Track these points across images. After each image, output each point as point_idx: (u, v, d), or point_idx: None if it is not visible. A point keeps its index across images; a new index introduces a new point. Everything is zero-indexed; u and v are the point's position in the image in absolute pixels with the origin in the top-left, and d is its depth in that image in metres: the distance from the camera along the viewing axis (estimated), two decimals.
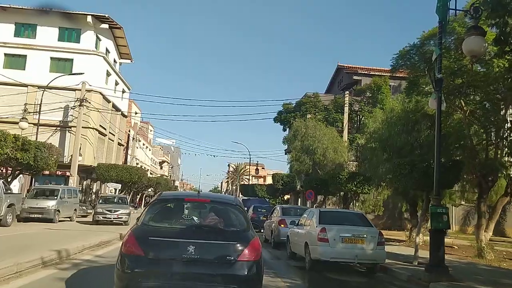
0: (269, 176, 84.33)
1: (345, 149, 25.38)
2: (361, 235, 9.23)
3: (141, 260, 4.78)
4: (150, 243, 4.89)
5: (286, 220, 15.44)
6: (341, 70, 39.37)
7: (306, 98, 31.67)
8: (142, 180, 37.64)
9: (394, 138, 17.65)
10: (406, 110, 17.78)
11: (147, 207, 5.77)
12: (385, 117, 19.65)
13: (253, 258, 5.00)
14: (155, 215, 5.55)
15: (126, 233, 5.27)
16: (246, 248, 5.01)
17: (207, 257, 4.89)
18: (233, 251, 4.97)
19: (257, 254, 5.08)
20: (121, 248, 5.02)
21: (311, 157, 24.93)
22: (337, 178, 14.95)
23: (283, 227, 15.29)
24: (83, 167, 33.71)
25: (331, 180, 15.62)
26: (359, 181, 15.74)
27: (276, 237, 15.45)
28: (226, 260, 4.92)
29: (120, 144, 43.56)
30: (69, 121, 33.42)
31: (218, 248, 5.01)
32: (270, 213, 18.10)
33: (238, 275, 4.86)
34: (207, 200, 6.12)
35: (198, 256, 4.83)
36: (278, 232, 15.36)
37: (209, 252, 4.93)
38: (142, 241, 4.90)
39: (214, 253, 4.95)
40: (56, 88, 32.74)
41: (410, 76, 15.04)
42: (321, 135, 25.35)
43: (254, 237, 5.27)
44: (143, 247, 4.83)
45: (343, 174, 14.74)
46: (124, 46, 42.39)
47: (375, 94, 30.35)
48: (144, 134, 59.59)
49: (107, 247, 11.74)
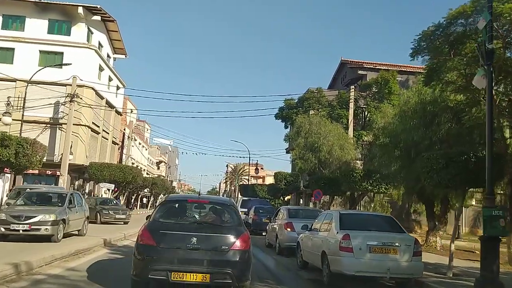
0: (269, 177, 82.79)
1: (352, 146, 23.78)
2: (393, 244, 7.58)
3: (154, 249, 5.91)
4: (160, 235, 6.02)
5: (293, 223, 13.85)
6: (345, 65, 37.77)
7: (309, 93, 30.04)
8: (137, 180, 35.90)
9: (409, 133, 16.05)
10: (423, 102, 16.19)
11: (157, 207, 7.12)
12: (398, 111, 18.05)
13: (243, 247, 6.11)
14: (164, 213, 6.72)
15: (141, 228, 6.39)
16: (238, 240, 6.12)
17: (206, 246, 5.98)
18: (227, 242, 6.08)
19: (247, 245, 6.18)
20: (137, 240, 6.21)
21: (316, 155, 23.30)
22: (351, 176, 13.29)
23: (290, 231, 13.72)
24: (75, 166, 32.02)
25: (343, 178, 13.96)
26: (375, 179, 14.09)
27: (282, 242, 13.88)
28: (222, 249, 6.02)
29: (115, 143, 41.84)
30: (59, 118, 31.72)
31: (215, 239, 6.10)
32: (274, 215, 16.51)
33: (231, 261, 5.96)
34: (206, 201, 7.45)
35: (199, 245, 5.94)
36: (284, 236, 13.80)
37: (208, 242, 6.02)
38: (154, 234, 6.03)
39: (212, 244, 6.04)
40: (45, 83, 31.14)
41: (432, 61, 13.40)
42: (327, 131, 23.74)
43: (244, 231, 6.40)
44: (155, 239, 5.97)
45: (357, 172, 13.11)
46: (118, 40, 40.71)
47: (382, 88, 28.76)
48: (140, 133, 57.87)
49: (86, 256, 10.08)
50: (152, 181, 46.01)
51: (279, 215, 15.57)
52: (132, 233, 14.37)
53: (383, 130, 21.87)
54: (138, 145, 56.27)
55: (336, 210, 9.29)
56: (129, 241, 13.22)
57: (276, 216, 15.78)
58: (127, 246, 12.20)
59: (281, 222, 14.53)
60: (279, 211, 16.12)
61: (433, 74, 14.84)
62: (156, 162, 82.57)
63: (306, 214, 15.45)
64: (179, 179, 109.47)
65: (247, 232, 6.48)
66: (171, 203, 7.42)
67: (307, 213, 15.68)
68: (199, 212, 7.39)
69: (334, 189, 18.69)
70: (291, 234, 13.64)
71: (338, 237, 7.73)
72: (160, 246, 5.89)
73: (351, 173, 13.35)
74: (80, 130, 31.78)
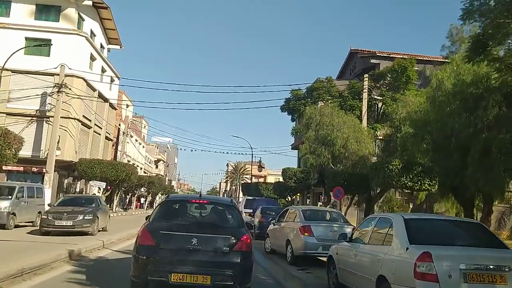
0: (270, 176, 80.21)
1: (370, 140, 21.24)
2: (500, 267, 4.88)
3: (153, 250, 5.83)
4: (160, 235, 5.93)
5: (312, 227, 11.37)
6: (354, 55, 35.26)
7: (319, 83, 27.49)
8: (131, 178, 33.38)
9: (446, 120, 13.53)
10: (463, 83, 13.66)
11: (157, 207, 7.07)
12: (428, 97, 15.52)
13: (244, 249, 6.03)
14: (164, 213, 6.67)
15: (140, 228, 6.25)
16: (239, 241, 6.02)
17: (207, 247, 5.92)
18: (228, 243, 5.99)
19: (248, 246, 6.10)
20: (136, 240, 6.11)
21: (329, 149, 20.77)
22: (386, 170, 10.73)
23: (307, 236, 11.34)
24: (63, 162, 29.48)
25: (375, 173, 11.40)
26: (415, 173, 11.55)
27: (296, 250, 11.44)
28: (223, 250, 5.95)
29: (108, 139, 39.27)
30: (47, 110, 29.19)
31: (216, 240, 6.03)
32: (279, 216, 14.01)
33: (232, 262, 5.88)
34: (207, 201, 7.37)
35: (200, 246, 5.87)
36: (300, 243, 11.35)
37: (209, 243, 5.96)
38: (154, 234, 5.95)
39: (212, 245, 5.98)
40: (31, 72, 28.69)
41: (486, 28, 10.89)
42: (341, 122, 21.20)
43: (246, 232, 6.29)
44: (154, 239, 5.89)
45: (394, 165, 10.55)
46: (112, 29, 38.21)
47: (399, 77, 26.22)
48: (137, 129, 55.28)
49: (41, 275, 7.45)
50: (148, 179, 43.44)
51: (288, 217, 13.06)
52: (115, 240, 11.93)
53: (407, 121, 19.54)
54: (134, 142, 53.70)
55: (397, 214, 6.28)
56: (107, 251, 10.87)
57: (284, 218, 13.27)
58: (100, 259, 9.68)
59: (294, 225, 12.04)
60: (286, 211, 13.59)
61: (479, 48, 12.32)
62: (154, 160, 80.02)
63: (324, 216, 12.99)
64: (178, 178, 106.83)
65: (249, 233, 6.41)
66: (172, 203, 7.32)
67: (325, 214, 13.18)
68: (200, 213, 7.32)
69: (356, 187, 16.11)
70: (308, 240, 11.30)
71: (411, 256, 5.09)
72: (160, 247, 5.81)
73: (387, 166, 10.78)
74: (69, 123, 29.25)
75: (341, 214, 13.96)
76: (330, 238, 11.13)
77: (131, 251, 6.64)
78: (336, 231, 11.31)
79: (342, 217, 13.03)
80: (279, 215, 14.10)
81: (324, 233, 11.34)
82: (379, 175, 11.22)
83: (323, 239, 11.17)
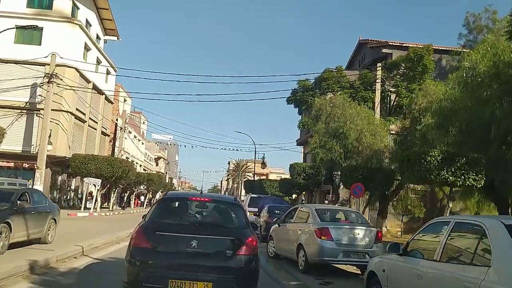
0: (272, 174, 78.40)
1: (385, 132, 19.44)
2: None
3: (148, 253, 5.27)
4: (156, 237, 5.37)
5: (330, 229, 9.60)
6: (364, 45, 33.38)
7: (328, 73, 25.64)
8: (129, 175, 31.60)
9: (484, 107, 11.70)
10: (503, 64, 11.84)
11: (154, 205, 6.36)
12: (460, 81, 13.71)
13: (249, 252, 5.45)
14: (161, 212, 6.04)
15: (135, 228, 5.67)
16: (244, 243, 5.47)
17: (208, 250, 5.36)
18: (232, 246, 5.44)
19: (254, 249, 5.52)
20: (130, 242, 5.50)
21: (341, 142, 18.99)
22: (423, 162, 8.90)
23: (325, 240, 9.56)
24: (56, 158, 27.78)
25: (406, 165, 9.59)
26: (458, 166, 9.69)
27: (312, 256, 9.67)
28: (225, 253, 5.39)
29: (105, 134, 37.51)
30: (37, 102, 27.46)
31: (218, 242, 5.51)
32: (284, 215, 12.21)
33: (235, 268, 5.32)
34: (209, 199, 6.71)
35: (200, 249, 5.30)
36: (316, 247, 9.58)
37: (210, 246, 5.42)
38: (150, 235, 5.38)
39: (214, 247, 5.45)
40: (21, 62, 26.95)
41: None
42: (354, 114, 19.43)
43: (251, 234, 5.72)
44: (150, 241, 5.33)
45: (433, 155, 8.75)
46: (109, 20, 36.45)
47: (414, 66, 24.37)
48: (135, 125, 53.51)
49: None
50: (147, 177, 41.65)
51: (298, 217, 11.24)
52: (99, 244, 10.16)
53: (427, 111, 17.80)
54: (133, 139, 51.95)
55: (490, 218, 4.07)
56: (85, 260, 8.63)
57: (292, 218, 11.48)
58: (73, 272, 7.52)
59: (307, 226, 10.25)
60: (295, 211, 11.76)
61: None
62: (154, 158, 78.31)
63: (342, 216, 11.20)
64: (179, 176, 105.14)
65: (255, 235, 5.90)
66: (170, 201, 6.72)
67: (343, 214, 11.39)
68: (201, 212, 6.80)
69: (377, 183, 14.25)
70: (327, 245, 9.54)
71: None
72: (156, 250, 5.30)
73: (423, 157, 8.99)
74: (61, 116, 27.51)
75: (360, 214, 12.17)
76: (352, 243, 9.52)
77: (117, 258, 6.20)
78: (358, 235, 9.65)
79: (362, 218, 11.26)
80: (285, 215, 12.25)
81: (345, 237, 9.60)
82: (413, 168, 9.42)
83: (344, 244, 9.51)
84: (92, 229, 15.53)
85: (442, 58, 28.07)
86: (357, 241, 9.58)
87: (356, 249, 9.53)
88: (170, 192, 7.98)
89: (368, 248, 9.52)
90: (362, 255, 9.49)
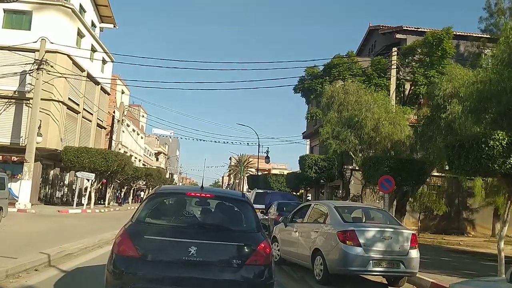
0: (275, 170, 76.58)
1: (406, 122, 17.57)
2: None
3: (135, 262, 4.31)
4: (145, 242, 4.40)
5: (356, 232, 7.82)
6: (374, 32, 31.53)
7: (339, 59, 23.74)
8: (125, 170, 29.85)
9: None
10: None
11: (143, 202, 5.24)
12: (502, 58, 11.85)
13: (262, 262, 4.52)
14: (152, 211, 5.00)
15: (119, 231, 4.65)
16: (255, 250, 4.52)
17: (211, 259, 4.40)
18: (241, 253, 4.49)
19: (267, 258, 4.58)
20: (113, 248, 4.46)
21: (356, 132, 17.16)
22: (484, 146, 7.04)
23: (351, 245, 7.85)
24: (47, 151, 26.07)
25: (460, 152, 7.75)
26: None
27: (333, 265, 7.94)
28: (232, 264, 4.44)
29: (101, 126, 35.70)
30: (26, 91, 25.66)
31: (223, 249, 4.53)
32: (292, 213, 10.37)
33: (246, 281, 4.38)
34: (211, 195, 5.45)
35: (200, 258, 4.35)
36: (340, 254, 7.85)
37: (213, 254, 4.45)
38: (137, 240, 4.39)
39: (218, 256, 4.47)
40: (10, 48, 25.18)
41: None
42: (371, 101, 17.58)
43: (263, 238, 4.80)
44: (137, 247, 4.34)
45: (497, 138, 6.99)
46: (104, 6, 34.59)
47: (433, 51, 22.48)
48: (134, 117, 51.68)
49: None
50: (145, 171, 39.90)
51: (311, 216, 9.45)
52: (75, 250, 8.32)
53: (454, 97, 16.00)
54: (132, 132, 50.15)
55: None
56: (50, 273, 6.62)
57: (303, 217, 9.68)
58: None
59: (325, 228, 8.45)
60: (306, 208, 9.86)
61: None
62: (154, 153, 76.64)
63: (368, 216, 9.42)
64: (179, 171, 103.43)
65: (268, 240, 4.86)
66: (162, 197, 5.46)
67: (368, 213, 9.59)
68: (201, 211, 5.47)
69: (407, 176, 12.33)
70: (353, 252, 7.78)
71: None
72: (145, 258, 4.28)
73: (484, 141, 7.16)
74: (52, 106, 25.73)
75: (388, 213, 10.34)
76: (383, 249, 7.86)
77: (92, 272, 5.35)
78: (391, 239, 7.95)
79: (390, 218, 9.40)
80: (292, 213, 10.38)
81: (375, 242, 7.90)
82: (468, 156, 7.60)
83: (374, 250, 7.82)
84: (79, 228, 13.80)
85: (460, 44, 26.17)
86: (390, 247, 7.93)
87: (388, 256, 7.88)
88: (164, 186, 6.73)
89: (402, 255, 7.93)
90: (395, 263, 7.92)
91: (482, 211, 25.68)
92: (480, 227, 25.71)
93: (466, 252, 14.84)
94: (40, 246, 8.00)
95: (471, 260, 12.25)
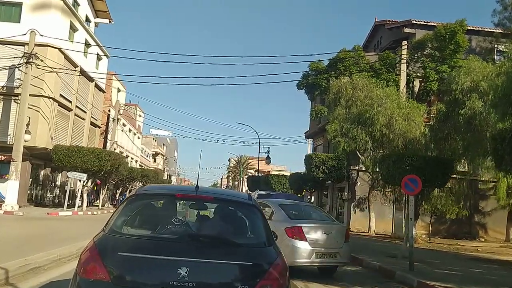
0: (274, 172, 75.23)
1: (421, 118, 16.31)
2: None
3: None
4: (120, 261, 3.24)
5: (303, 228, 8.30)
6: (380, 27, 30.30)
7: (345, 53, 22.47)
8: (119, 170, 28.50)
9: None
10: None
11: (120, 206, 3.92)
12: None
13: (277, 285, 3.31)
14: (131, 217, 3.82)
15: (87, 245, 3.45)
16: (268, 271, 3.35)
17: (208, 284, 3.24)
18: (248, 276, 3.32)
19: (284, 281, 3.40)
20: (76, 269, 3.32)
21: (367, 129, 15.89)
22: None
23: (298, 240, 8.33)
24: (36, 150, 24.69)
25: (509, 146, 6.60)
26: None
27: None
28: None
29: (95, 125, 34.32)
30: (15, 86, 24.28)
31: (224, 271, 3.33)
32: None
33: None
34: (209, 197, 4.16)
35: (193, 283, 3.15)
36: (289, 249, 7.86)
37: (211, 277, 3.26)
38: (108, 258, 3.23)
39: (218, 279, 3.29)
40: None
41: None
42: (382, 95, 16.33)
43: (277, 255, 3.59)
44: (109, 268, 3.18)
45: None
46: (99, 0, 33.24)
47: (445, 44, 21.24)
48: (130, 116, 50.33)
49: None
50: (141, 172, 38.53)
51: None
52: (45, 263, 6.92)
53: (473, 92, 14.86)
54: (128, 132, 48.79)
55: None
56: None
57: None
58: None
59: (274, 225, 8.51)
60: None
61: None
62: (152, 154, 75.22)
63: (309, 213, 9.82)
64: (177, 173, 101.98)
65: (282, 256, 3.59)
66: (146, 199, 4.11)
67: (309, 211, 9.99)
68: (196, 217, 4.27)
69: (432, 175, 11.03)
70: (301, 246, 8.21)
71: None
72: (120, 284, 3.13)
73: None
74: (42, 102, 24.36)
75: (321, 210, 11.93)
76: (324, 243, 8.50)
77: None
78: (330, 233, 8.57)
79: (325, 214, 10.30)
80: None
81: (318, 236, 8.49)
82: None
83: (317, 243, 8.44)
84: (64, 232, 12.45)
85: (472, 39, 24.96)
86: (329, 240, 8.58)
87: (328, 248, 8.56)
88: (148, 186, 5.28)
89: (338, 247, 8.68)
90: (333, 255, 8.65)
91: (494, 214, 24.44)
92: (493, 231, 24.43)
93: (489, 260, 13.54)
94: (7, 256, 6.65)
95: (504, 271, 10.94)
